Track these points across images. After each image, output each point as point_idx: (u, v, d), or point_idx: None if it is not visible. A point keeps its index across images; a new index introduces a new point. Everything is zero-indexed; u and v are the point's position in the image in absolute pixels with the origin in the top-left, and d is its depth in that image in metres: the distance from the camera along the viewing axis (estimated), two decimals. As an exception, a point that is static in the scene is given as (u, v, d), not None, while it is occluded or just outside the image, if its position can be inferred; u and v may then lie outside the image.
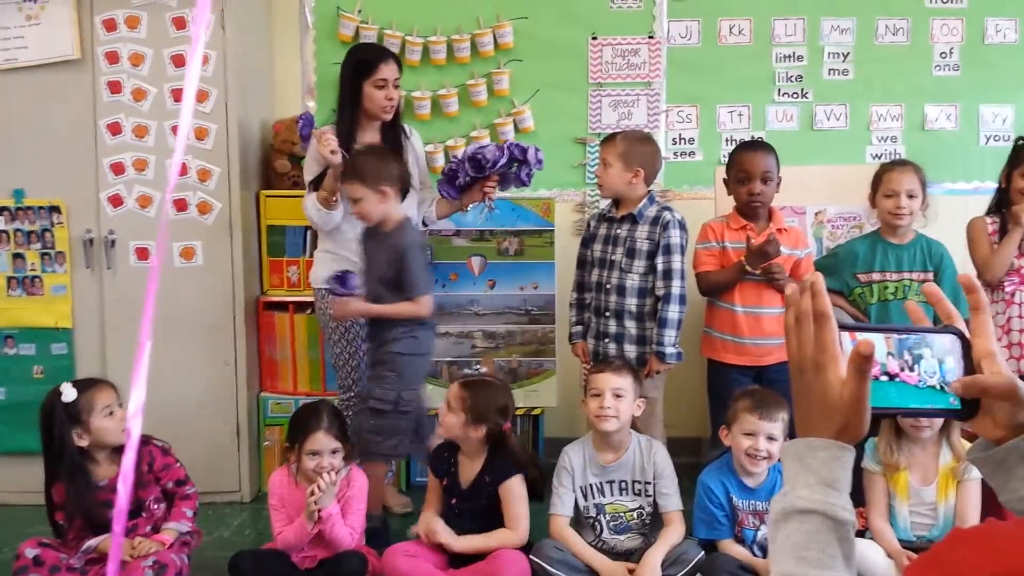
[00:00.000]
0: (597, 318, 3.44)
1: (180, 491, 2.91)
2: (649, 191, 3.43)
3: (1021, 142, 3.53)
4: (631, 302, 3.36)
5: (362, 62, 3.45)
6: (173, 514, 2.89)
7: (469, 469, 3.01)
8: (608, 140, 3.43)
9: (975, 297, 1.01)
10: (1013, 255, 3.47)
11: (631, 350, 3.36)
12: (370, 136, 3.50)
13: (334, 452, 2.90)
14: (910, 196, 3.40)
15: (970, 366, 0.97)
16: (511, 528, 2.94)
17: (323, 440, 2.88)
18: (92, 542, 2.75)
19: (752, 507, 2.89)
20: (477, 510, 2.98)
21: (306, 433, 2.90)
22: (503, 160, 3.43)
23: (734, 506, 2.90)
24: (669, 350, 3.32)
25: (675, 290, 3.31)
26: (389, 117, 3.48)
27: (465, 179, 3.47)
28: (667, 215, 3.35)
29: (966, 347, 0.98)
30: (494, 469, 2.98)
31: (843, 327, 0.94)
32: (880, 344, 0.95)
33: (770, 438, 2.81)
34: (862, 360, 0.89)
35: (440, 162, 4.04)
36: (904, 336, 0.97)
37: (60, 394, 2.75)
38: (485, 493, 2.97)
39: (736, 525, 2.91)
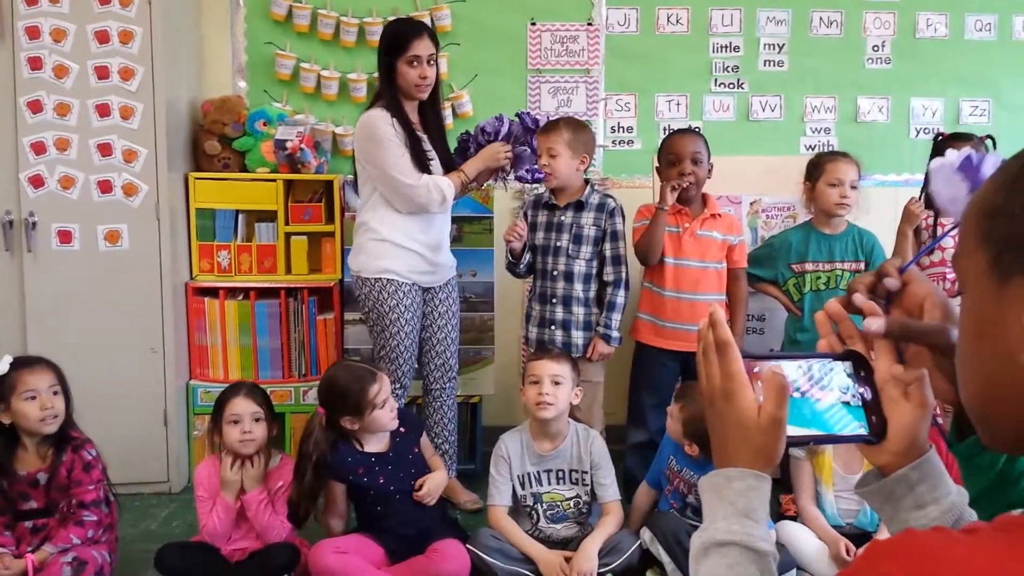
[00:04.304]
0: (541, 305, 3.42)
1: (78, 514, 2.72)
2: (587, 179, 3.43)
3: (940, 138, 3.59)
4: (579, 288, 3.35)
5: (394, 38, 3.29)
6: (58, 535, 2.69)
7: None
8: (551, 128, 3.33)
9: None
10: (906, 252, 3.53)
11: (579, 336, 3.36)
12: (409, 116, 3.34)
13: (257, 420, 2.84)
14: (852, 187, 3.45)
15: (874, 389, 0.97)
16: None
17: (242, 404, 2.83)
18: None
19: (688, 475, 2.96)
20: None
21: (224, 403, 2.85)
22: (504, 130, 3.33)
23: (670, 467, 3.01)
24: (615, 333, 3.35)
25: (623, 275, 3.36)
26: (424, 96, 3.31)
27: (475, 149, 3.37)
28: (611, 202, 3.38)
29: (868, 371, 0.97)
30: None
31: (747, 356, 0.94)
32: (791, 366, 0.96)
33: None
34: (781, 389, 0.90)
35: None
36: (808, 362, 0.97)
37: None
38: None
39: (669, 484, 3.02)
